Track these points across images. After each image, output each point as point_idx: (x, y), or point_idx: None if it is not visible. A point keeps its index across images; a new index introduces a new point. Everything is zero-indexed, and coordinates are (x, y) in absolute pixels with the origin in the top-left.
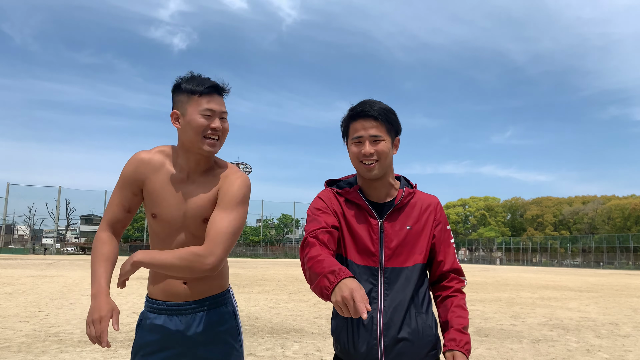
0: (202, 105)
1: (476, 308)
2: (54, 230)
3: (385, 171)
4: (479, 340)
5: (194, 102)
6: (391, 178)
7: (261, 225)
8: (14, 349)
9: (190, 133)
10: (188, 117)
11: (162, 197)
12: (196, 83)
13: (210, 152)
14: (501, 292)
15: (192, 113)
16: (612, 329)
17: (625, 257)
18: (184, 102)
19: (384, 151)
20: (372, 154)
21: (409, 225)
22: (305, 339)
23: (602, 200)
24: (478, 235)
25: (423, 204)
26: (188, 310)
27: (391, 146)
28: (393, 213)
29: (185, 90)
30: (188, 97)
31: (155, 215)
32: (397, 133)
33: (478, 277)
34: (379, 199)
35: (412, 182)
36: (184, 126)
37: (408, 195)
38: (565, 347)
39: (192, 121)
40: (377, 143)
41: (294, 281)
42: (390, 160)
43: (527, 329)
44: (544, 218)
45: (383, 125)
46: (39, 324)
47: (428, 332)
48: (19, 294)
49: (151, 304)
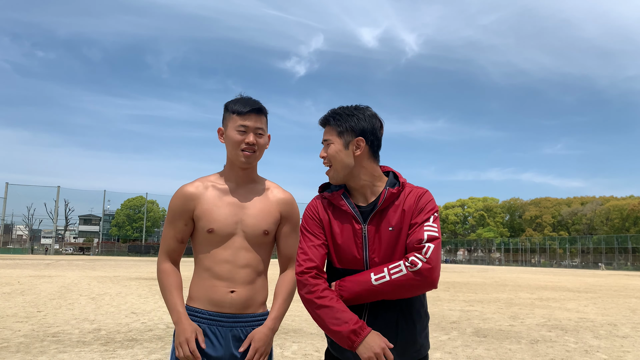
0: (238, 122)
1: (475, 309)
2: (52, 230)
3: (345, 173)
4: (478, 340)
5: (232, 120)
6: (369, 179)
7: None
8: (13, 349)
9: (229, 147)
10: (227, 133)
11: (217, 212)
12: (237, 103)
13: (246, 163)
14: (500, 292)
15: (230, 129)
16: (610, 330)
17: (624, 258)
18: (227, 120)
19: (332, 154)
20: (324, 157)
21: (391, 226)
22: (303, 339)
23: (600, 201)
24: (477, 236)
25: (406, 201)
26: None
27: (343, 148)
28: (376, 216)
29: (228, 109)
30: (229, 115)
31: (213, 230)
32: (357, 134)
33: (477, 278)
34: (365, 201)
35: (401, 178)
36: (226, 141)
37: (391, 197)
38: (564, 348)
39: (230, 136)
40: (328, 147)
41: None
42: (346, 162)
43: (525, 330)
44: (543, 219)
45: (333, 128)
46: (37, 324)
47: (413, 337)
48: (17, 294)
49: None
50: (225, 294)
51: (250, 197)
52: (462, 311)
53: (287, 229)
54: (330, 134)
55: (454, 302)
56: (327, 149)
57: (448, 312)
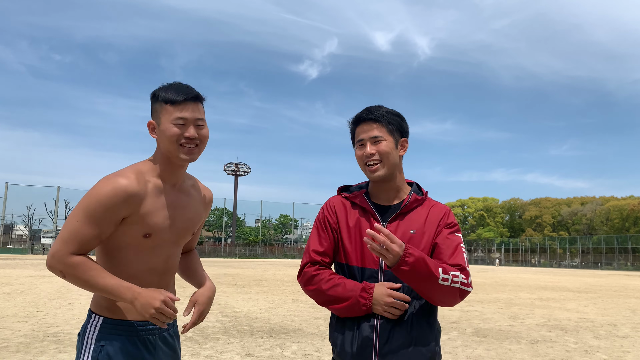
0: (174, 113)
1: (475, 309)
2: (52, 230)
3: (391, 172)
4: (478, 340)
5: (165, 111)
6: (400, 181)
7: (260, 226)
8: (13, 349)
9: (165, 143)
10: (162, 127)
11: (157, 214)
12: (169, 91)
13: (187, 160)
14: (500, 292)
15: (165, 123)
16: (610, 330)
17: (624, 258)
18: (158, 112)
19: (386, 151)
20: (374, 154)
21: (413, 229)
22: (303, 339)
23: (600, 201)
24: (477, 236)
25: (431, 211)
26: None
27: (395, 147)
28: (398, 216)
29: (159, 98)
30: (161, 106)
31: (150, 235)
32: (403, 135)
33: (477, 278)
34: (387, 202)
35: (424, 190)
36: (160, 136)
37: (415, 202)
38: (564, 348)
39: (165, 131)
40: (379, 143)
41: (293, 281)
42: (395, 160)
43: (525, 330)
44: (543, 219)
45: (384, 126)
46: (37, 324)
47: (424, 340)
48: (17, 294)
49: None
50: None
51: (183, 198)
52: (462, 311)
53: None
54: (380, 131)
55: None
56: (379, 146)
57: (448, 312)
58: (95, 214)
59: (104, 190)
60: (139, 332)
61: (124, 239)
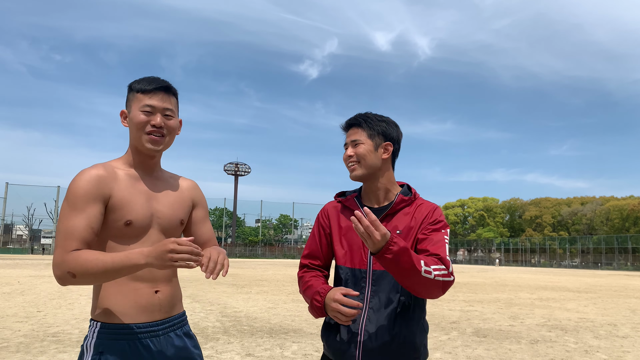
0: (143, 101)
1: (475, 309)
2: (52, 230)
3: (368, 172)
4: (478, 340)
5: (136, 99)
6: (387, 183)
7: (260, 226)
8: (13, 349)
9: (133, 131)
10: (131, 114)
11: (134, 200)
12: (142, 82)
13: (152, 149)
14: (500, 292)
15: (134, 110)
16: (610, 330)
17: (624, 258)
18: (130, 101)
19: (363, 153)
20: (352, 156)
21: (400, 229)
22: (303, 339)
23: (600, 201)
24: (477, 236)
25: (418, 210)
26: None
27: (373, 149)
28: (385, 217)
29: (132, 89)
30: (133, 95)
31: (131, 222)
32: (387, 139)
33: (477, 278)
34: (377, 204)
35: (414, 190)
36: (129, 124)
37: (402, 202)
38: (564, 348)
39: (133, 118)
40: (357, 146)
41: (293, 281)
42: (373, 162)
43: (525, 330)
44: (543, 219)
45: (364, 130)
46: (37, 324)
47: (410, 337)
48: (17, 294)
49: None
50: (150, 295)
51: (160, 186)
52: (462, 311)
53: (201, 214)
54: (360, 135)
55: (453, 302)
56: (357, 149)
57: (448, 312)
58: (76, 203)
59: (77, 182)
60: (138, 336)
61: (109, 231)
